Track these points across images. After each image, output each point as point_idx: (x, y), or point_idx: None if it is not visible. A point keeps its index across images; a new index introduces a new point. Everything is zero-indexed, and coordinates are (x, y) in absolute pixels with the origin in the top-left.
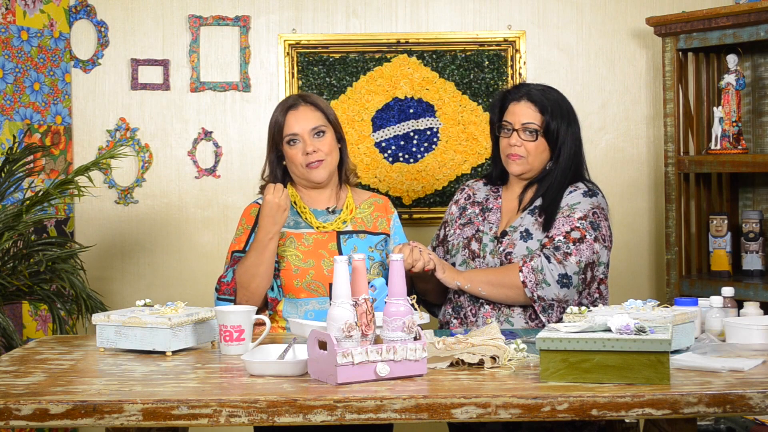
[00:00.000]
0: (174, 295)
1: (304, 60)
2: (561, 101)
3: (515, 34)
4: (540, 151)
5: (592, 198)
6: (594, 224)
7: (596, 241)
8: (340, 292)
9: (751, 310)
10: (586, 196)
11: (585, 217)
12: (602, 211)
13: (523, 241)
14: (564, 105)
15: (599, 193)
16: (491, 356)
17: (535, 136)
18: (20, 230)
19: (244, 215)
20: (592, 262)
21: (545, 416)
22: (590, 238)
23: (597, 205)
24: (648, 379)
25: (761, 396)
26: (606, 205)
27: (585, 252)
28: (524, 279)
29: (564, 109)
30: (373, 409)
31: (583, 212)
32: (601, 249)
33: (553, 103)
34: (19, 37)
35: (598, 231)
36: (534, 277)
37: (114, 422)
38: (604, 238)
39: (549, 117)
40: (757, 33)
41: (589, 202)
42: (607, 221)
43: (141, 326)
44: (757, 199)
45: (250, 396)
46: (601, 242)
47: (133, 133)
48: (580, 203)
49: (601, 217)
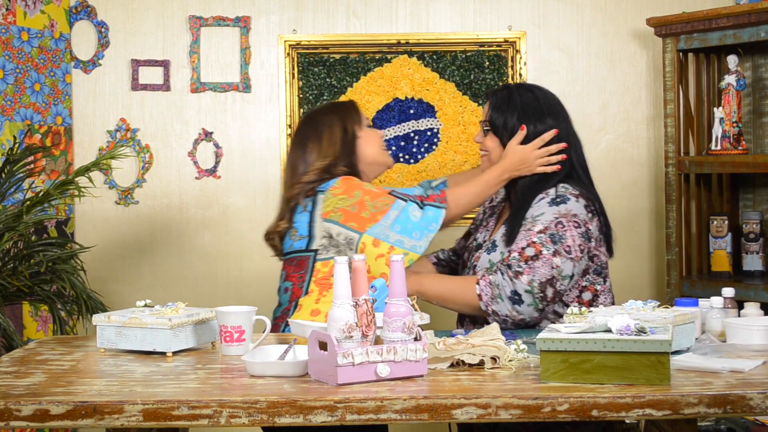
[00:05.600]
0: (174, 296)
1: (305, 60)
2: (532, 99)
3: (515, 34)
4: (493, 146)
5: (560, 206)
6: (555, 237)
7: (556, 255)
8: (341, 292)
9: (752, 311)
10: (552, 205)
11: (545, 230)
12: (570, 219)
13: (487, 253)
14: (532, 102)
15: (570, 199)
16: (492, 357)
17: (485, 133)
18: (21, 231)
19: (353, 180)
20: (552, 277)
21: (545, 417)
22: (548, 254)
23: (564, 214)
24: (648, 379)
25: (762, 396)
26: (583, 210)
27: (540, 270)
28: (480, 292)
29: (530, 106)
30: (373, 409)
31: (545, 224)
32: (563, 262)
33: (511, 99)
34: (20, 37)
35: (560, 243)
36: (490, 291)
37: (114, 423)
38: (569, 249)
39: (496, 112)
40: (758, 33)
41: (553, 211)
42: (580, 227)
43: (141, 327)
44: (758, 200)
45: (251, 396)
46: (564, 255)
47: (134, 134)
48: (543, 214)
49: (568, 226)
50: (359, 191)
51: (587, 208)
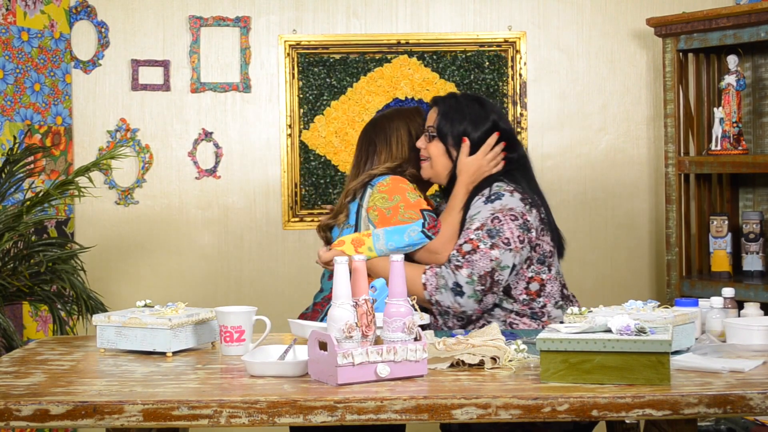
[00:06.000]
0: (174, 296)
1: (305, 61)
2: (479, 109)
3: (515, 34)
4: (437, 154)
5: (494, 203)
6: (492, 232)
7: (493, 248)
8: (341, 292)
9: (752, 311)
10: (487, 203)
11: (482, 227)
12: (506, 213)
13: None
14: (479, 112)
15: (505, 194)
16: (492, 357)
17: (430, 139)
18: (21, 231)
19: (402, 183)
20: (491, 270)
21: (545, 417)
22: (485, 247)
23: (499, 209)
24: (648, 379)
25: (761, 397)
26: (519, 203)
27: (478, 263)
28: (426, 281)
29: (478, 116)
30: (373, 409)
31: (481, 221)
32: (502, 254)
33: (459, 109)
34: (20, 37)
35: (498, 237)
36: (435, 281)
37: (114, 423)
38: (507, 241)
39: (444, 120)
40: (758, 34)
41: (489, 208)
42: (518, 219)
43: (141, 327)
44: (758, 200)
45: (251, 396)
46: (503, 246)
47: (134, 134)
48: (479, 212)
49: (504, 220)
50: (399, 196)
51: (523, 201)
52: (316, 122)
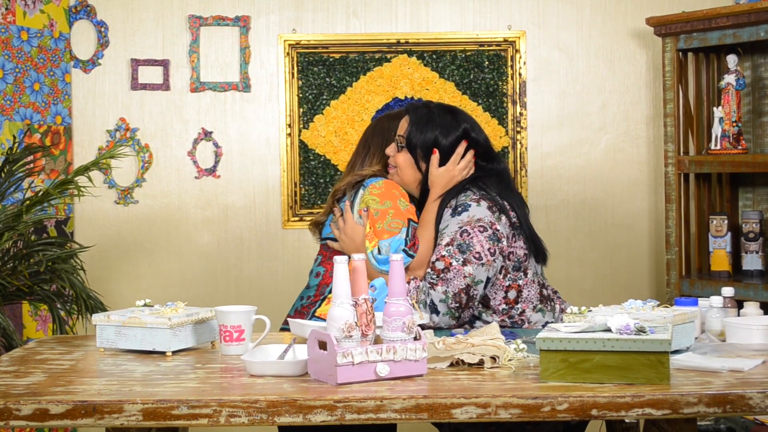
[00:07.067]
0: (174, 295)
1: (304, 60)
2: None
3: (515, 34)
4: (404, 164)
5: (461, 215)
6: (462, 246)
7: (466, 264)
8: (340, 292)
9: (751, 310)
10: (454, 215)
11: (452, 242)
12: (475, 225)
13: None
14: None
15: (471, 205)
16: (491, 356)
17: (399, 148)
18: (20, 230)
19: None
20: (466, 286)
21: (545, 416)
22: (457, 264)
23: (467, 222)
24: (648, 379)
25: (761, 396)
26: (486, 212)
27: (453, 281)
28: (407, 292)
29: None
30: (373, 409)
31: (450, 236)
32: (475, 269)
33: (431, 119)
34: (19, 37)
35: (469, 252)
36: (415, 294)
37: (114, 422)
38: (479, 255)
39: (415, 129)
40: (757, 33)
41: (456, 221)
42: (487, 230)
43: (141, 326)
44: (757, 199)
45: (250, 396)
46: (475, 262)
47: (133, 134)
48: (447, 226)
49: (473, 233)
50: (390, 202)
51: (491, 209)
52: (315, 122)
